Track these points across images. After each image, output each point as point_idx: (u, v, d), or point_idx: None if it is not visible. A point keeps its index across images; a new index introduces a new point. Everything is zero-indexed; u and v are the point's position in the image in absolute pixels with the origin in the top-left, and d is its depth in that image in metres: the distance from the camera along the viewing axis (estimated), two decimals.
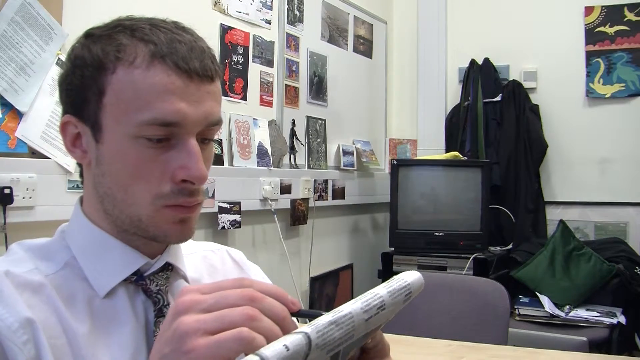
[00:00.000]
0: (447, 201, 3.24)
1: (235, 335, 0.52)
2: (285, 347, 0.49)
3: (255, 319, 0.53)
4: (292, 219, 2.80)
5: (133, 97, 0.70)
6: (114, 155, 0.72)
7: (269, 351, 0.48)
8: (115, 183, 0.73)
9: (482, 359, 1.65)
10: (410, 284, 0.61)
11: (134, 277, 0.77)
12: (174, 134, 0.71)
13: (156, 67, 0.70)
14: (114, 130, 0.71)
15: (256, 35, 2.61)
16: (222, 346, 0.52)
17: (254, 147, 2.54)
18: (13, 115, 1.60)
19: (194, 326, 0.53)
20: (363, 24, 3.61)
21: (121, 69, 0.70)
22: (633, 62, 3.40)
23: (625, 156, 3.43)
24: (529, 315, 2.88)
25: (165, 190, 0.72)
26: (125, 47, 0.70)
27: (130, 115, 0.70)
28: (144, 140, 0.71)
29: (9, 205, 1.55)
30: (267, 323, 0.54)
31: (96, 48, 0.72)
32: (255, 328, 0.53)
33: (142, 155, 0.71)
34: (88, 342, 0.71)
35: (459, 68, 3.79)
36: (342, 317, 0.54)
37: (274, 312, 0.55)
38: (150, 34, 0.71)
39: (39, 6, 1.65)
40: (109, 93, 0.71)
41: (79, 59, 0.73)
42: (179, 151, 0.72)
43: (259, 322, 0.53)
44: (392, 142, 3.89)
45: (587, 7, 3.50)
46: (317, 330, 0.51)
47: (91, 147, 0.74)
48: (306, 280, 2.94)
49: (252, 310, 0.54)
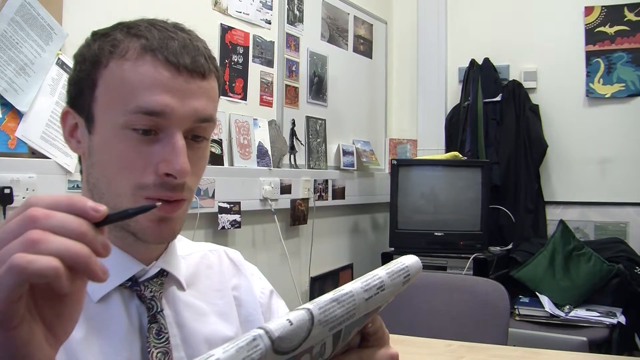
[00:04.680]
0: (447, 201, 3.24)
1: (6, 269, 0.43)
2: (288, 321, 0.50)
3: (38, 241, 0.44)
4: (292, 219, 2.80)
5: (121, 88, 0.72)
6: (102, 146, 0.74)
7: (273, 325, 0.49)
8: (102, 174, 0.75)
9: (482, 359, 1.65)
10: (409, 267, 0.63)
11: (129, 283, 0.77)
12: (160, 126, 0.72)
13: (145, 60, 0.72)
14: (104, 121, 0.74)
15: (256, 35, 2.61)
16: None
17: (254, 147, 2.54)
18: (13, 115, 1.60)
19: None
20: (363, 24, 3.61)
21: (113, 62, 0.73)
22: (633, 62, 3.40)
23: (625, 156, 3.43)
24: (529, 315, 2.88)
25: (147, 181, 0.72)
26: (119, 42, 0.73)
27: (118, 106, 0.72)
28: (130, 132, 0.72)
29: (9, 205, 1.55)
30: (56, 243, 0.45)
31: (95, 45, 0.75)
32: (42, 252, 0.44)
33: (127, 145, 0.72)
34: (83, 347, 0.71)
35: (459, 68, 3.79)
36: (343, 294, 0.55)
37: (66, 227, 0.46)
38: (145, 30, 0.73)
39: (39, 6, 1.65)
40: (100, 85, 0.73)
41: (80, 56, 0.77)
42: (163, 145, 0.72)
43: (43, 244, 0.44)
44: (392, 142, 3.89)
45: (587, 7, 3.50)
46: (319, 307, 0.52)
47: (84, 138, 0.76)
48: (306, 280, 2.94)
49: (34, 233, 0.45)
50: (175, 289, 0.82)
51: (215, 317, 0.86)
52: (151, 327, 0.76)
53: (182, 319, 0.81)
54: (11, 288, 0.44)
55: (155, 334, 0.76)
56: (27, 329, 0.47)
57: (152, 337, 0.76)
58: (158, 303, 0.78)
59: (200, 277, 0.88)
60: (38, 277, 0.44)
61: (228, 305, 0.89)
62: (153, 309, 0.77)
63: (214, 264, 0.92)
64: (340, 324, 0.55)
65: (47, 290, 0.47)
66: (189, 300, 0.83)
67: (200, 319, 0.84)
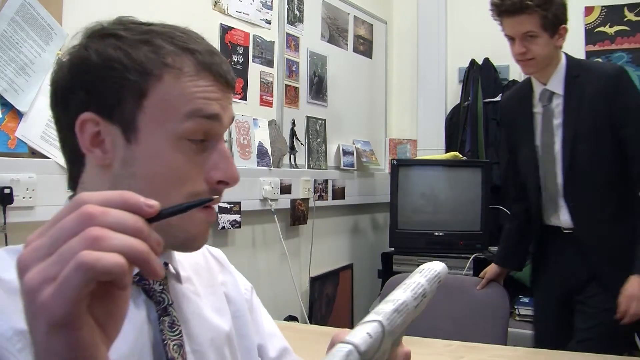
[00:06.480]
0: (447, 201, 3.24)
1: (74, 267, 0.43)
2: (368, 334, 0.53)
3: (99, 239, 0.44)
4: (292, 219, 2.80)
5: (179, 100, 0.73)
6: (151, 156, 0.73)
7: (357, 339, 0.52)
8: (149, 184, 0.72)
9: (482, 359, 1.65)
10: (440, 273, 0.65)
11: (136, 278, 0.77)
12: (210, 134, 0.75)
13: (202, 76, 0.74)
14: (153, 132, 0.72)
15: (256, 35, 2.61)
16: (66, 285, 0.43)
17: (254, 147, 2.54)
18: (13, 115, 1.60)
19: (36, 279, 0.44)
20: (363, 24, 3.61)
21: (169, 76, 0.72)
22: (633, 62, 3.40)
23: None
24: (529, 315, 2.88)
25: (200, 189, 0.74)
26: (169, 54, 0.73)
27: (174, 117, 0.72)
28: (185, 142, 0.73)
29: (9, 205, 1.55)
30: (118, 239, 0.44)
31: (137, 53, 0.72)
32: (105, 249, 0.43)
33: (183, 156, 0.73)
34: None
35: (459, 68, 3.79)
36: (401, 304, 0.57)
37: (123, 224, 0.45)
38: (188, 41, 0.75)
39: (39, 6, 1.65)
40: (152, 96, 0.72)
41: (114, 61, 0.72)
42: (211, 153, 0.75)
43: (105, 241, 0.44)
44: (392, 142, 3.89)
45: (587, 7, 3.50)
46: (387, 318, 0.55)
47: (118, 148, 0.73)
48: (306, 280, 2.94)
49: (94, 230, 0.44)
50: (175, 283, 0.83)
51: (213, 312, 0.87)
52: (163, 319, 0.76)
53: (184, 313, 0.81)
54: (79, 287, 0.43)
55: (168, 326, 0.76)
56: (89, 329, 0.46)
57: (166, 329, 0.76)
58: (168, 295, 0.78)
59: (191, 274, 0.88)
60: (106, 275, 0.43)
61: (220, 300, 0.90)
62: (164, 301, 0.77)
63: (200, 261, 0.92)
64: (399, 334, 0.58)
65: (99, 289, 0.46)
66: (187, 294, 0.84)
67: (201, 313, 0.84)
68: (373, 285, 3.52)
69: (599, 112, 1.95)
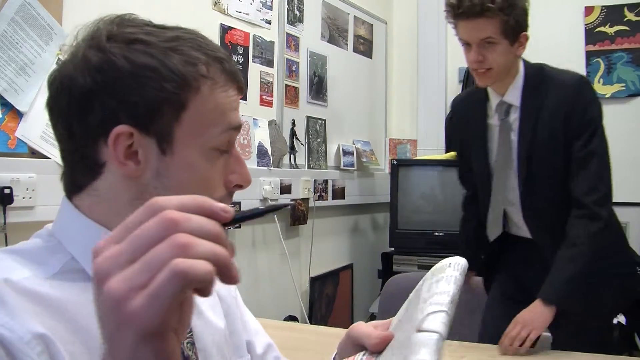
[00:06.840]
0: (447, 201, 3.24)
1: (168, 275, 0.41)
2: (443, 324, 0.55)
3: (188, 246, 0.42)
4: (292, 219, 2.80)
5: (214, 111, 0.73)
6: (184, 168, 0.72)
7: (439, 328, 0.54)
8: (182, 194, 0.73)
9: (482, 359, 1.65)
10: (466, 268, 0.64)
11: None
12: (232, 143, 0.76)
13: (230, 85, 0.75)
14: (189, 144, 0.72)
15: (256, 35, 2.61)
16: (160, 295, 0.41)
17: (254, 147, 2.54)
18: (13, 115, 1.60)
19: (122, 288, 0.42)
20: (363, 24, 3.61)
21: (205, 87, 0.72)
22: (633, 62, 3.40)
23: (625, 156, 3.42)
24: None
25: (220, 195, 0.75)
26: (202, 64, 0.72)
27: (210, 128, 0.73)
28: (215, 152, 0.74)
29: (9, 205, 1.55)
30: (204, 246, 0.43)
31: (172, 61, 0.70)
32: (193, 256, 0.42)
33: (212, 165, 0.74)
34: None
35: (459, 68, 3.79)
36: (453, 296, 0.59)
37: (205, 230, 0.44)
38: (214, 49, 0.75)
39: (39, 6, 1.65)
40: (191, 108, 0.71)
41: (149, 70, 0.69)
42: (227, 158, 0.76)
43: (194, 248, 0.42)
44: (392, 142, 3.89)
45: (587, 7, 3.50)
46: (449, 308, 0.57)
47: (151, 159, 0.71)
48: (306, 280, 2.94)
49: (181, 237, 0.42)
50: None
51: (209, 310, 0.87)
52: None
53: None
54: (174, 295, 0.41)
55: None
56: (173, 338, 0.45)
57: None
58: None
59: None
60: (199, 283, 0.42)
61: (213, 298, 0.90)
62: None
63: None
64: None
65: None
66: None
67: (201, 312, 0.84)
68: (373, 285, 3.53)
69: (556, 124, 1.83)
